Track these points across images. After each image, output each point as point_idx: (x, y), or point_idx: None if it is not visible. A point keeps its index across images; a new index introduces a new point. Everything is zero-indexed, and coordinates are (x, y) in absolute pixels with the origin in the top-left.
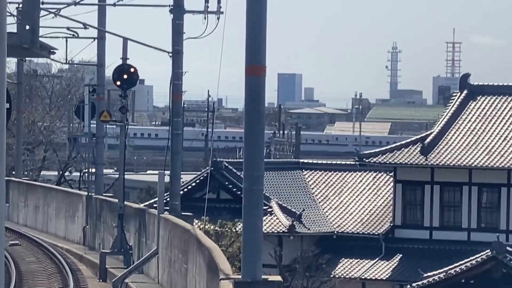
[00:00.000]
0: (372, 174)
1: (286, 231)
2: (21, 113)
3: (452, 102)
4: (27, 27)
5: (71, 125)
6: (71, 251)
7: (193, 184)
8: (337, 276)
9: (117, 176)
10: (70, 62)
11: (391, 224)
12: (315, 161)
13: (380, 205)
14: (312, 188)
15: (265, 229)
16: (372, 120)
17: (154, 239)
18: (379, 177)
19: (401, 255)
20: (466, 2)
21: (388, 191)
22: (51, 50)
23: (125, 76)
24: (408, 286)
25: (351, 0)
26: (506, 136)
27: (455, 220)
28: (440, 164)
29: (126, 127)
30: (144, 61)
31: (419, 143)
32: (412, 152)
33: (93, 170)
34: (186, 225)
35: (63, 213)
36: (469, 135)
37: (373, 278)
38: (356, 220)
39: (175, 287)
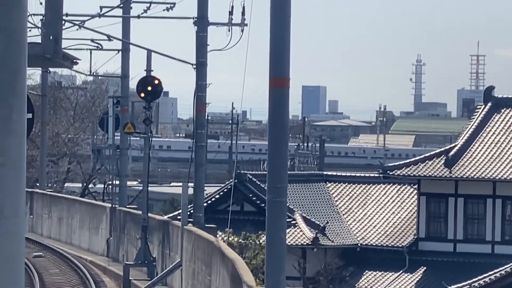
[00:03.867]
0: (396, 187)
1: (309, 243)
2: (45, 124)
3: (476, 115)
4: (50, 37)
5: (95, 137)
6: (95, 263)
7: (217, 196)
8: None
9: (141, 188)
10: (94, 74)
11: (415, 237)
12: (339, 174)
13: (404, 217)
14: (336, 201)
15: (289, 241)
16: (396, 133)
17: (177, 251)
18: (403, 190)
19: (425, 268)
20: (490, 15)
21: (412, 204)
22: (74, 61)
23: (149, 88)
24: None
25: (375, 13)
26: None
27: (479, 233)
28: (464, 176)
29: (150, 139)
30: (168, 73)
31: (443, 155)
32: (436, 164)
33: (117, 182)
34: (209, 237)
35: (87, 225)
36: (493, 148)
37: None
38: (380, 233)
39: None
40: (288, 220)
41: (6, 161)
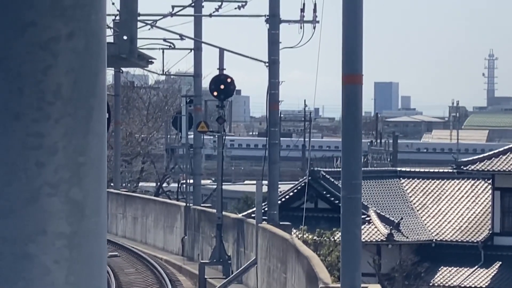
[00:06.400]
0: (470, 182)
1: (384, 239)
2: (118, 124)
3: None
4: (125, 37)
5: (169, 136)
6: (170, 262)
7: (291, 193)
8: (436, 284)
9: (215, 186)
10: (167, 73)
11: (490, 232)
12: (412, 169)
13: (479, 212)
14: (410, 196)
15: (364, 238)
16: (469, 128)
17: (252, 248)
18: (477, 185)
19: (500, 263)
20: None
21: (486, 199)
22: (149, 60)
23: (222, 87)
24: None
25: (446, 8)
26: None
27: None
28: None
29: (224, 137)
30: (240, 71)
31: None
32: (510, 159)
33: (191, 180)
34: (284, 235)
35: (161, 224)
36: None
37: (473, 286)
38: (454, 228)
39: None
40: (362, 216)
41: (87, 161)
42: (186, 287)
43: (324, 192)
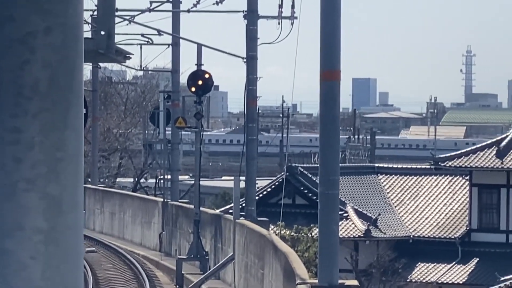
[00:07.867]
0: (447, 178)
1: (362, 235)
2: (96, 120)
3: None
4: (103, 32)
5: (146, 131)
6: (148, 258)
7: (269, 189)
8: (413, 280)
9: (193, 182)
10: (144, 68)
11: (467, 228)
12: (390, 166)
13: (456, 209)
14: (388, 193)
15: (341, 234)
16: (447, 124)
17: (230, 244)
18: (455, 181)
19: (477, 259)
20: None
21: (464, 195)
22: (127, 55)
23: (200, 82)
24: None
25: (424, 4)
26: None
27: None
28: None
29: (201, 133)
30: (218, 67)
31: (494, 146)
32: (488, 155)
33: (169, 176)
34: (262, 231)
35: (139, 219)
36: None
37: (450, 282)
38: (432, 224)
39: None
40: (340, 212)
41: (64, 156)
42: (163, 282)
43: (302, 188)
